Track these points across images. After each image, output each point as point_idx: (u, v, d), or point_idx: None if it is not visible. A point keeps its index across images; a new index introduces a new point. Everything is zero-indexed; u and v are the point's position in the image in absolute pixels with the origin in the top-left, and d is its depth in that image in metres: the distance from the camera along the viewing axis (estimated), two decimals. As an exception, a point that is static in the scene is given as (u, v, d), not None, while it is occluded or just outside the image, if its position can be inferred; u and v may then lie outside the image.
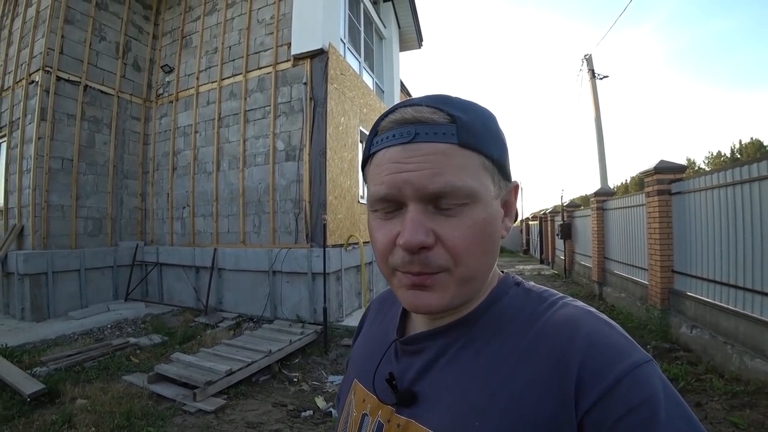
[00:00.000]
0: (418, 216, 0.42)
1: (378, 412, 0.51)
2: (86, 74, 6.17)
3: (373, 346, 0.60)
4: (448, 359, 0.48)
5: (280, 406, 3.32)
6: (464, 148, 0.43)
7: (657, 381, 0.38)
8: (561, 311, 0.45)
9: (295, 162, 5.72)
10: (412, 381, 0.49)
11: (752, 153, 32.44)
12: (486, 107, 0.48)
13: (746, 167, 3.87)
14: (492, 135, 0.45)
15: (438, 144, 0.42)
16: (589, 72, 10.69)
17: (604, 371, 0.37)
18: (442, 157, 0.42)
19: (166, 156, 6.94)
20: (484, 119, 0.46)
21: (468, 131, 0.43)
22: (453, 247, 0.42)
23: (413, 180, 0.42)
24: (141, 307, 6.16)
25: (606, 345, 0.40)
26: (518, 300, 0.49)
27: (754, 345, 3.58)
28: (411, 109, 0.44)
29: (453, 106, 0.45)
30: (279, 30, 5.98)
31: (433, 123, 0.43)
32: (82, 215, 6.14)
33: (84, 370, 3.80)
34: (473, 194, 0.43)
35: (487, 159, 0.44)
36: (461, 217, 0.43)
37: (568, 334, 0.41)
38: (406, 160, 0.43)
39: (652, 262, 5.44)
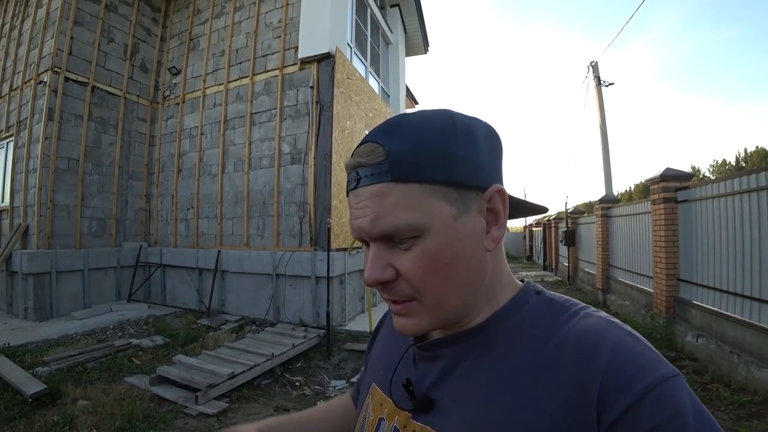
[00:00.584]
0: (376, 253, 0.44)
1: (395, 417, 0.51)
2: (94, 75, 6.21)
3: (391, 351, 0.60)
4: (466, 367, 0.47)
5: (283, 410, 3.29)
6: (400, 182, 0.42)
7: (685, 396, 0.36)
8: (583, 321, 0.43)
9: (300, 165, 5.73)
10: (430, 388, 0.49)
11: (757, 162, 32.31)
12: (442, 116, 0.45)
13: (753, 176, 3.84)
14: (436, 155, 0.42)
15: (375, 185, 0.43)
16: (595, 79, 10.68)
17: (629, 384, 0.36)
18: (379, 199, 0.42)
19: (171, 158, 6.97)
20: (427, 139, 0.42)
21: (401, 163, 0.42)
22: (409, 279, 0.44)
23: (362, 226, 0.44)
24: (143, 308, 6.16)
25: (631, 357, 0.38)
26: (539, 309, 0.47)
27: (761, 355, 3.53)
28: (358, 150, 0.45)
29: (394, 134, 0.43)
30: (286, 33, 6.01)
31: (369, 165, 0.43)
32: (86, 215, 6.16)
33: (86, 371, 3.79)
34: (417, 228, 0.42)
35: (431, 184, 0.42)
36: (414, 249, 0.43)
37: (592, 345, 0.40)
38: (356, 206, 0.45)
39: (657, 270, 5.40)
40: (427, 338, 0.55)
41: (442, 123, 0.44)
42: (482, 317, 0.48)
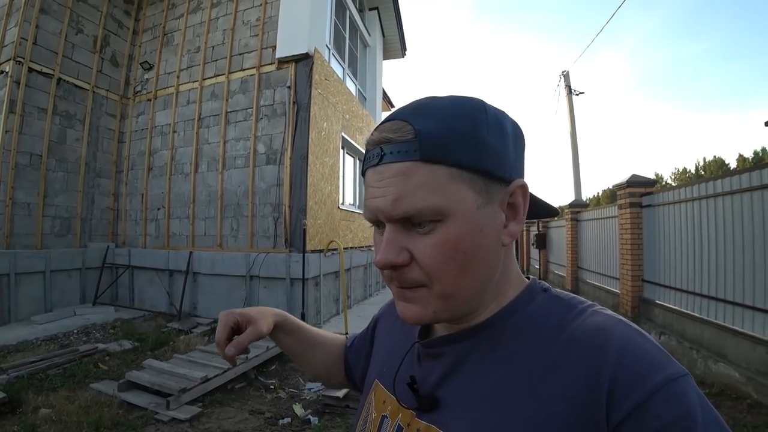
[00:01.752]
0: (392, 235, 0.43)
1: (398, 415, 0.50)
2: (60, 67, 5.94)
3: (394, 347, 0.59)
4: (472, 365, 0.46)
5: (257, 413, 3.24)
6: (428, 163, 0.40)
7: (694, 396, 0.36)
8: (591, 319, 0.42)
9: (276, 166, 5.66)
10: (434, 386, 0.48)
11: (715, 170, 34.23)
12: (469, 104, 0.44)
13: (711, 183, 4.08)
14: (466, 140, 0.41)
15: (401, 164, 0.41)
16: (566, 88, 11.06)
17: (637, 383, 0.35)
18: (404, 178, 0.41)
19: (141, 155, 6.74)
20: (458, 123, 0.42)
21: (431, 144, 0.40)
22: (424, 266, 0.42)
23: (381, 206, 0.42)
24: (110, 311, 5.92)
25: (639, 356, 0.37)
26: (546, 307, 0.46)
27: (718, 350, 3.75)
28: (382, 127, 0.44)
29: (424, 114, 0.42)
30: (264, 32, 5.94)
31: (397, 141, 0.41)
32: (49, 214, 5.88)
33: (48, 378, 3.60)
34: (440, 212, 0.41)
35: (459, 169, 0.41)
36: (433, 235, 0.41)
37: (600, 343, 0.39)
38: (376, 184, 0.43)
39: (623, 271, 5.63)
40: (432, 335, 0.54)
41: (474, 109, 0.43)
42: (488, 313, 0.47)
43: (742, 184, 3.59)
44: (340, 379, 0.78)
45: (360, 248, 7.69)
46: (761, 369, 3.19)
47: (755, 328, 3.33)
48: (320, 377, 0.80)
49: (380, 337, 0.68)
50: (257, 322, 0.65)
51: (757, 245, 3.35)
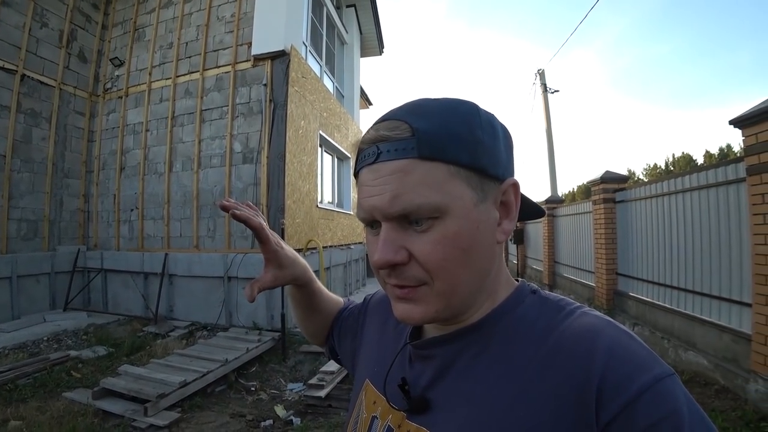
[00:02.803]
0: (389, 234, 0.43)
1: (388, 416, 0.51)
2: (24, 62, 5.66)
3: (385, 347, 0.59)
4: (462, 366, 0.46)
5: (239, 416, 3.20)
6: (426, 160, 0.41)
7: (680, 395, 0.37)
8: (580, 320, 0.43)
9: (253, 165, 5.57)
10: (425, 388, 0.48)
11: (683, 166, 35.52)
12: (463, 105, 0.45)
13: (679, 179, 4.24)
14: (461, 138, 0.42)
15: (398, 161, 0.41)
16: (542, 86, 11.26)
17: (625, 383, 0.36)
18: (402, 175, 0.41)
19: (113, 155, 6.52)
20: (455, 122, 0.43)
21: (429, 142, 0.41)
22: (424, 263, 0.42)
23: (377, 204, 0.42)
24: (83, 317, 5.72)
25: (627, 356, 0.38)
26: (535, 308, 0.47)
27: (687, 339, 3.92)
28: (378, 126, 0.44)
29: (420, 114, 0.43)
30: (239, 29, 5.82)
31: (394, 139, 0.42)
32: (15, 217, 5.61)
33: (17, 389, 3.46)
34: (438, 209, 0.41)
35: (456, 166, 0.42)
36: (431, 232, 0.42)
37: (588, 344, 0.40)
38: (372, 183, 0.43)
39: (598, 265, 5.80)
40: (423, 336, 0.55)
41: (468, 110, 0.44)
42: (480, 315, 0.48)
43: (708, 180, 3.74)
44: (321, 340, 0.79)
45: (339, 247, 7.66)
46: (727, 356, 3.35)
47: (721, 317, 3.49)
48: (309, 336, 0.81)
49: (370, 332, 0.67)
50: (281, 270, 0.66)
51: (723, 239, 3.51)
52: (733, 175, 3.40)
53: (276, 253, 0.64)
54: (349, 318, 0.75)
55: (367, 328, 0.68)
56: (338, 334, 0.75)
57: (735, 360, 3.24)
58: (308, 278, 0.72)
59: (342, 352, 0.75)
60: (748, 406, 2.91)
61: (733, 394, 3.16)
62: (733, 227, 3.39)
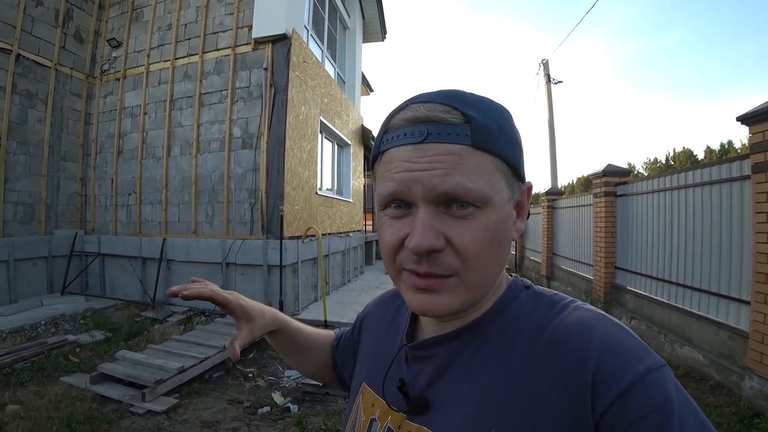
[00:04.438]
0: (428, 218, 0.41)
1: (387, 417, 0.51)
2: (19, 42, 5.54)
3: (381, 349, 0.59)
4: (459, 365, 0.47)
5: (236, 403, 3.21)
6: (478, 149, 0.41)
7: (671, 386, 0.38)
8: (573, 315, 0.44)
9: (252, 150, 5.52)
10: (424, 388, 0.49)
11: (684, 161, 35.46)
12: (501, 105, 0.47)
13: (682, 175, 4.21)
14: (506, 136, 0.44)
15: (451, 145, 0.41)
16: (545, 76, 11.13)
17: (618, 375, 0.37)
18: (455, 157, 0.41)
19: (110, 138, 6.44)
20: (499, 119, 0.44)
21: (483, 132, 0.42)
22: (463, 251, 0.42)
23: (424, 179, 0.41)
24: (80, 301, 5.72)
25: (620, 349, 0.39)
26: (529, 304, 0.48)
27: (683, 334, 3.93)
28: (424, 107, 0.43)
29: (468, 104, 0.43)
30: (240, 11, 5.70)
31: (447, 123, 0.41)
32: (11, 200, 5.56)
33: (15, 373, 3.46)
34: (485, 198, 0.41)
35: (502, 161, 0.43)
36: (473, 220, 0.42)
37: (583, 338, 0.41)
38: (417, 160, 0.42)
39: (597, 258, 5.80)
40: (418, 337, 0.55)
41: (506, 110, 0.47)
42: (477, 313, 0.48)
43: (711, 176, 3.71)
44: (331, 378, 0.79)
45: (338, 234, 7.65)
46: (723, 352, 3.36)
47: (719, 314, 3.50)
48: (312, 376, 0.81)
49: (366, 338, 0.67)
50: (253, 323, 0.66)
51: (723, 235, 3.50)
52: (736, 172, 3.37)
53: (242, 308, 0.65)
54: (346, 340, 0.75)
55: (363, 338, 0.69)
56: (341, 362, 0.75)
57: (731, 357, 3.26)
58: (282, 320, 0.72)
59: (348, 376, 0.74)
60: (743, 402, 2.94)
61: (728, 390, 3.18)
62: (734, 225, 3.38)
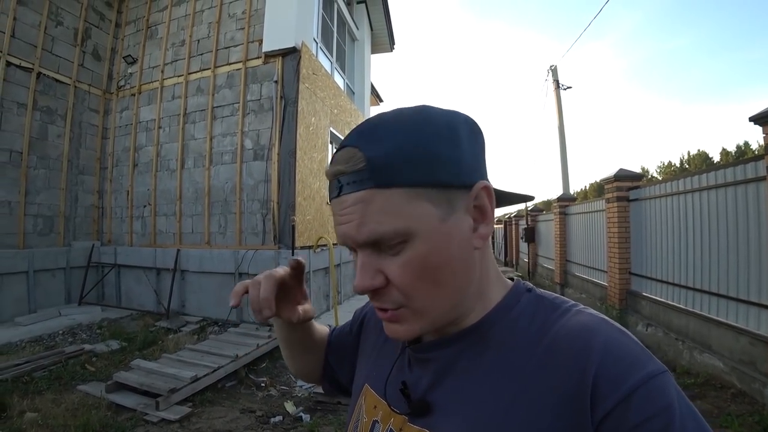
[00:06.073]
0: (366, 260, 0.44)
1: (390, 420, 0.51)
2: (40, 60, 5.76)
3: (384, 351, 0.59)
4: (461, 368, 0.47)
5: (249, 412, 3.22)
6: (383, 188, 0.41)
7: (672, 392, 0.38)
8: (575, 319, 0.44)
9: (264, 161, 5.60)
10: (426, 390, 0.49)
11: (699, 164, 34.80)
12: (422, 116, 0.44)
13: (696, 177, 4.14)
14: (417, 157, 0.41)
15: (358, 193, 0.42)
16: (554, 82, 11.11)
17: (619, 380, 0.37)
18: (363, 205, 0.41)
19: (126, 151, 6.60)
20: (407, 142, 0.41)
21: (382, 170, 0.41)
22: (398, 286, 0.43)
23: (347, 232, 0.43)
24: (97, 311, 5.82)
25: (622, 354, 0.39)
26: (531, 307, 0.47)
27: (702, 341, 3.83)
28: (340, 155, 0.44)
29: (373, 138, 0.42)
30: (250, 26, 5.84)
31: (350, 172, 0.42)
32: (31, 212, 5.72)
33: (33, 381, 3.53)
34: (403, 233, 0.41)
35: (414, 188, 0.41)
36: (402, 255, 0.42)
37: (584, 342, 0.40)
38: (339, 214, 0.44)
39: (611, 264, 5.71)
40: (421, 340, 0.54)
41: (421, 122, 0.43)
42: (475, 317, 0.48)
43: (726, 178, 3.65)
44: (318, 377, 0.75)
45: (350, 244, 7.66)
46: (744, 359, 3.27)
47: (739, 319, 3.41)
48: (303, 376, 0.77)
49: (368, 338, 0.67)
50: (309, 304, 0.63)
51: (741, 238, 3.42)
52: (752, 173, 3.31)
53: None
54: (342, 338, 0.72)
55: (364, 338, 0.68)
56: (335, 361, 0.72)
57: (752, 363, 3.17)
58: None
59: (343, 375, 0.72)
60: (766, 410, 2.85)
61: (750, 398, 3.09)
62: (752, 227, 3.31)
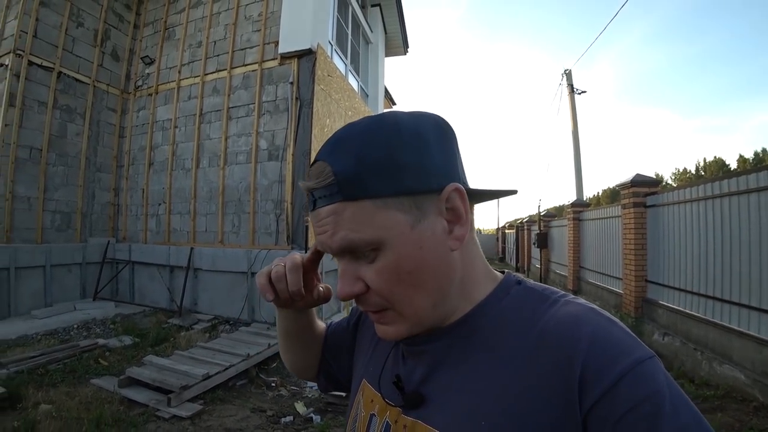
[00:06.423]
0: (346, 267, 0.46)
1: (386, 412, 0.52)
2: (60, 60, 5.88)
3: (379, 346, 0.60)
4: (453, 360, 0.48)
5: (259, 411, 3.22)
6: (351, 200, 0.42)
7: (660, 377, 0.38)
8: (564, 309, 0.44)
9: (278, 162, 5.62)
10: (419, 383, 0.50)
11: (715, 171, 34.14)
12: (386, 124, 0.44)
13: (717, 183, 4.04)
14: (383, 168, 0.42)
15: (330, 206, 0.43)
16: (569, 87, 11.00)
17: (607, 368, 0.37)
18: (335, 216, 0.43)
19: (142, 150, 6.70)
20: (372, 153, 0.42)
21: (350, 183, 0.42)
22: (378, 291, 0.45)
23: (324, 242, 0.45)
24: (110, 306, 5.89)
25: (609, 342, 0.40)
26: (520, 299, 0.48)
27: (723, 352, 3.73)
28: (310, 172, 0.46)
29: (340, 151, 0.44)
30: (267, 27, 5.89)
31: (321, 187, 0.44)
32: (49, 208, 5.83)
33: (48, 373, 3.58)
34: (373, 242, 0.43)
35: (381, 198, 0.42)
36: (377, 262, 0.44)
37: (572, 332, 0.41)
38: (316, 225, 0.46)
39: (626, 271, 5.61)
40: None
41: (387, 131, 0.44)
42: (463, 311, 0.49)
43: (749, 184, 3.56)
44: (314, 374, 0.76)
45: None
46: (767, 371, 3.17)
47: (761, 330, 3.31)
48: (299, 371, 0.77)
49: (364, 335, 0.67)
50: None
51: (764, 246, 3.33)
52: (777, 179, 3.22)
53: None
54: (340, 333, 0.73)
55: (361, 334, 0.69)
56: (332, 356, 0.73)
57: (776, 375, 3.07)
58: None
59: (340, 370, 0.72)
60: (791, 424, 2.76)
61: (774, 411, 2.99)
62: (776, 235, 3.21)
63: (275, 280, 0.56)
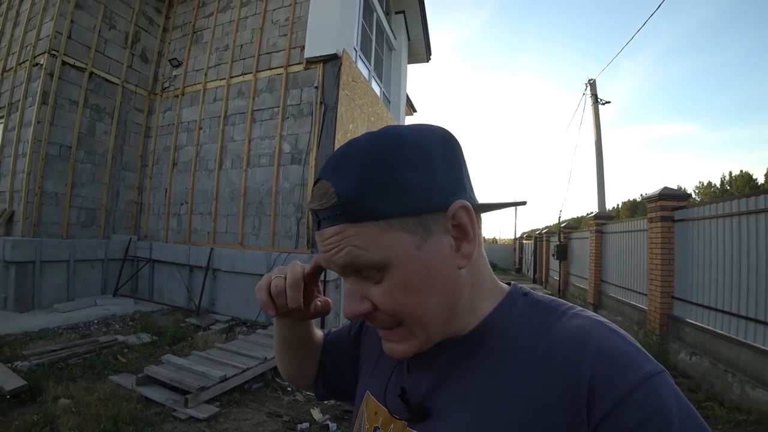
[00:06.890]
0: (351, 287, 0.45)
1: (390, 425, 0.52)
2: (92, 61, 6.05)
3: (383, 358, 0.59)
4: (459, 374, 0.47)
5: (275, 416, 3.19)
6: (355, 222, 0.42)
7: (669, 392, 0.37)
8: (571, 322, 0.44)
9: (301, 165, 5.64)
10: (425, 396, 0.49)
11: (741, 185, 33.14)
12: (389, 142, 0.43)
13: (752, 199, 3.89)
14: (386, 189, 0.41)
15: (334, 227, 0.43)
16: (592, 97, 10.82)
17: (615, 382, 0.37)
18: (339, 236, 0.43)
19: (167, 150, 6.81)
20: (375, 174, 0.41)
21: (353, 205, 0.41)
22: (386, 310, 0.44)
23: (329, 260, 0.45)
24: (130, 303, 5.97)
25: (617, 356, 0.39)
26: (527, 311, 0.48)
27: (756, 374, 3.55)
28: (314, 192, 0.45)
29: (343, 171, 0.43)
30: (293, 32, 5.95)
31: (325, 209, 0.43)
32: (75, 204, 5.97)
33: (68, 367, 3.62)
34: (378, 264, 0.42)
35: (386, 219, 0.41)
36: (384, 283, 0.44)
37: (579, 345, 0.41)
38: (321, 244, 0.45)
39: (652, 287, 5.43)
40: None
41: (390, 150, 0.43)
42: (472, 324, 0.48)
43: (789, 201, 3.40)
44: (310, 382, 0.74)
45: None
46: (808, 398, 3.00)
47: (801, 355, 3.14)
48: (296, 380, 0.75)
49: (369, 344, 0.66)
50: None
51: (806, 266, 3.17)
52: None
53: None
54: (339, 341, 0.72)
55: (366, 344, 0.67)
56: (331, 364, 0.72)
57: (818, 404, 2.90)
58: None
59: (340, 378, 0.71)
60: (836, 457, 2.59)
61: (815, 442, 2.82)
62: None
63: (275, 295, 0.55)
